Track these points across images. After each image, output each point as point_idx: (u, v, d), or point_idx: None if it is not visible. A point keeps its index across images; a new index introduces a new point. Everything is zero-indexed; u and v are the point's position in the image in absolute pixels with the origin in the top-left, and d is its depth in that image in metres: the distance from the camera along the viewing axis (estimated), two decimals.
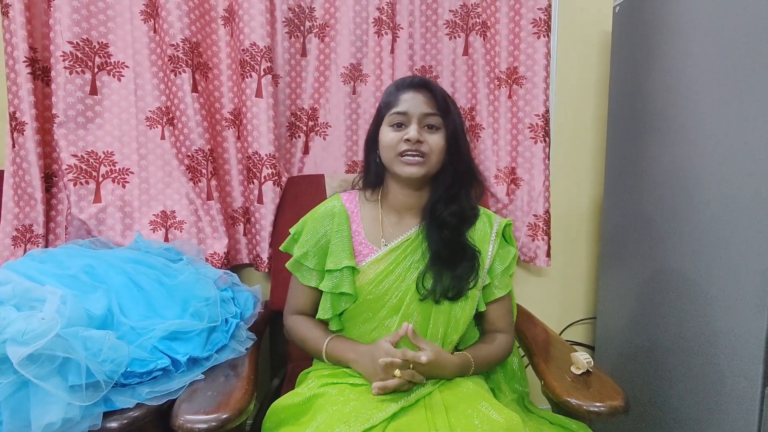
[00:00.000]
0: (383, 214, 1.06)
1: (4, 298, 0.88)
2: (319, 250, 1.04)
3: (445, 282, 0.98)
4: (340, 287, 1.00)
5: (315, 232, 1.05)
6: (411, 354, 0.86)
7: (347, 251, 1.02)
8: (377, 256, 1.01)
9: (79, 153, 1.34)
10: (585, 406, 0.88)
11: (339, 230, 1.04)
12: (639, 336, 1.39)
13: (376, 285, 1.00)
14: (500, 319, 1.07)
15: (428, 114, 0.98)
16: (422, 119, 0.98)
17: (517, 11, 1.51)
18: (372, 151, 1.06)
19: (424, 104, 0.98)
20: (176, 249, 1.25)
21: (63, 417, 0.77)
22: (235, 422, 0.81)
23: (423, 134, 0.97)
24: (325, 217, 1.06)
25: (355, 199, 1.09)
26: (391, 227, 1.05)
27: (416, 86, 1.00)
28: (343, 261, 1.00)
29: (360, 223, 1.06)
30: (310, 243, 1.04)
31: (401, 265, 1.00)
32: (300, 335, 1.07)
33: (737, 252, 1.05)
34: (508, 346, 1.06)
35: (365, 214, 1.07)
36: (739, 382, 1.04)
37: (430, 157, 0.98)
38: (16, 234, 1.30)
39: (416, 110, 0.97)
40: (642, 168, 1.37)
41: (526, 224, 1.57)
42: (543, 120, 1.51)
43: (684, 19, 1.21)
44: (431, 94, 0.99)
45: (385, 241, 1.03)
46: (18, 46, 1.25)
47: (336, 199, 1.09)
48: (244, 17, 1.38)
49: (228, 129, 1.47)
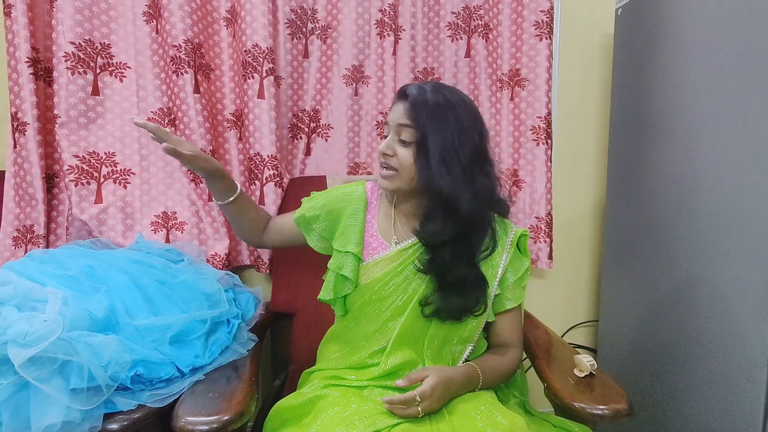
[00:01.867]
0: (396, 214, 1.05)
1: (5, 299, 0.87)
2: (328, 219, 1.08)
3: (452, 306, 0.95)
4: (342, 269, 1.00)
5: (329, 202, 1.08)
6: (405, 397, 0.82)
7: (357, 238, 1.02)
8: (387, 254, 1.00)
9: (80, 153, 1.34)
10: (588, 409, 0.88)
11: (354, 214, 1.05)
12: (641, 339, 1.38)
13: (383, 285, 0.98)
14: (509, 331, 1.03)
15: (401, 125, 0.93)
16: (397, 130, 0.94)
17: (520, 13, 1.51)
18: None
19: (401, 116, 0.93)
20: (177, 250, 1.25)
21: (63, 419, 0.77)
22: (236, 424, 0.81)
23: (396, 147, 0.94)
24: (343, 196, 1.08)
25: (377, 191, 1.09)
26: (402, 228, 1.04)
27: (400, 95, 0.96)
28: (349, 245, 1.01)
29: (376, 215, 1.06)
30: (324, 209, 1.08)
31: (408, 267, 0.99)
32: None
33: (741, 255, 1.04)
34: (517, 361, 1.02)
35: (382, 209, 1.07)
36: (743, 385, 1.03)
37: (401, 172, 0.93)
38: (16, 234, 1.30)
39: (393, 120, 0.95)
40: (644, 170, 1.36)
41: (528, 226, 1.57)
42: (545, 122, 1.51)
43: (686, 21, 1.21)
44: (410, 104, 0.92)
45: (397, 239, 1.03)
46: (20, 46, 1.25)
47: (360, 185, 1.10)
48: (247, 18, 1.38)
49: (230, 130, 1.46)
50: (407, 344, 0.97)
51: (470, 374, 0.92)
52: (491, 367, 0.97)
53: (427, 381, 0.84)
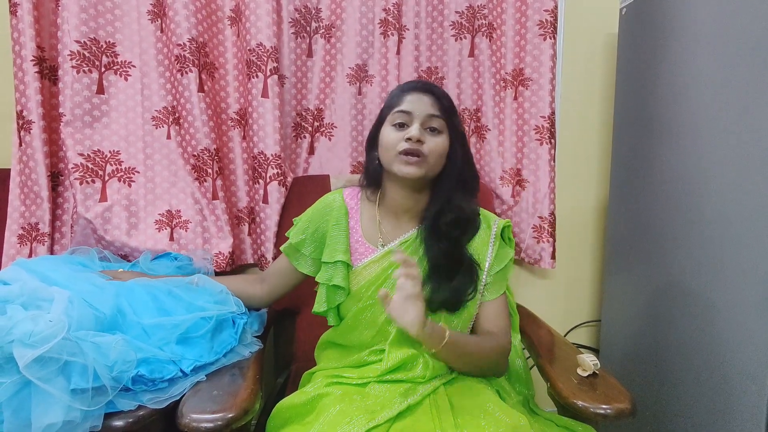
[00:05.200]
0: (380, 215, 1.06)
1: (12, 297, 0.88)
2: (315, 239, 1.07)
3: (443, 294, 0.96)
4: (333, 279, 1.01)
5: (312, 221, 1.08)
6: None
7: (343, 246, 1.03)
8: (374, 257, 1.01)
9: (85, 152, 1.34)
10: (591, 408, 0.88)
11: (337, 224, 1.05)
12: (644, 339, 1.38)
13: (375, 290, 0.99)
14: (490, 320, 1.02)
15: (432, 115, 0.97)
16: (426, 120, 0.97)
17: (524, 13, 1.51)
18: (371, 151, 1.05)
19: (429, 106, 0.97)
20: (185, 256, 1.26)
21: (64, 419, 0.77)
22: (240, 422, 0.81)
23: (424, 135, 0.96)
24: (323, 209, 1.08)
25: (357, 197, 1.09)
26: (388, 229, 1.04)
27: (421, 89, 1.00)
28: (337, 255, 1.02)
29: (359, 220, 1.06)
30: (308, 231, 1.07)
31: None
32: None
33: (744, 255, 1.04)
34: (497, 348, 0.98)
35: (365, 212, 1.07)
36: (746, 385, 1.03)
37: (429, 158, 0.96)
38: (22, 232, 1.30)
39: (420, 111, 0.97)
40: (648, 170, 1.36)
41: (531, 226, 1.57)
42: (549, 122, 1.51)
43: (690, 21, 1.20)
44: (435, 98, 0.98)
45: (383, 241, 1.03)
46: (26, 45, 1.26)
47: (337, 194, 1.10)
48: (251, 17, 1.39)
49: (234, 129, 1.47)
50: (407, 341, 0.97)
51: (435, 326, 0.88)
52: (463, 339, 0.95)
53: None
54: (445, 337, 0.86)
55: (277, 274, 1.14)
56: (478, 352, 0.96)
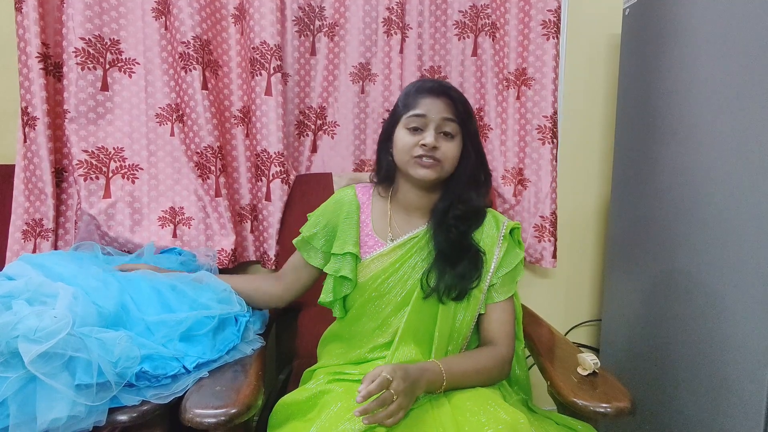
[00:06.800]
0: (392, 211, 1.07)
1: (17, 293, 0.88)
2: (327, 233, 1.08)
3: (448, 280, 0.98)
4: (341, 270, 1.02)
5: (324, 215, 1.09)
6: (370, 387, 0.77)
7: (353, 238, 1.04)
8: (383, 251, 1.02)
9: (89, 148, 1.35)
10: (591, 407, 0.88)
11: (347, 218, 1.06)
12: (644, 339, 1.38)
13: (381, 282, 1.00)
14: (497, 326, 1.02)
15: (447, 120, 0.97)
16: (440, 124, 0.97)
17: (527, 13, 1.51)
18: (384, 150, 1.06)
19: (444, 110, 0.97)
20: (189, 252, 1.27)
21: (68, 414, 0.78)
22: (243, 417, 0.82)
23: (439, 140, 0.97)
24: (335, 203, 1.09)
25: (368, 193, 1.10)
26: (398, 224, 1.06)
27: (437, 92, 0.99)
28: (347, 247, 1.03)
29: (369, 215, 1.07)
30: (320, 225, 1.08)
31: (407, 263, 1.01)
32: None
33: (745, 255, 1.04)
34: (500, 358, 0.98)
35: (376, 208, 1.08)
36: (746, 385, 1.03)
37: (444, 163, 0.98)
38: (26, 228, 1.31)
39: (435, 115, 0.97)
40: (650, 170, 1.37)
41: (532, 225, 1.57)
42: (551, 121, 1.51)
43: (693, 21, 1.21)
44: (451, 101, 0.98)
45: (392, 236, 1.04)
46: (31, 41, 1.26)
47: (350, 189, 1.11)
48: (255, 15, 1.39)
49: (237, 126, 1.47)
50: (414, 340, 0.98)
51: (427, 366, 0.88)
52: (459, 363, 0.94)
53: (386, 371, 0.78)
54: (443, 381, 0.88)
55: (291, 269, 1.15)
56: (477, 372, 0.95)
